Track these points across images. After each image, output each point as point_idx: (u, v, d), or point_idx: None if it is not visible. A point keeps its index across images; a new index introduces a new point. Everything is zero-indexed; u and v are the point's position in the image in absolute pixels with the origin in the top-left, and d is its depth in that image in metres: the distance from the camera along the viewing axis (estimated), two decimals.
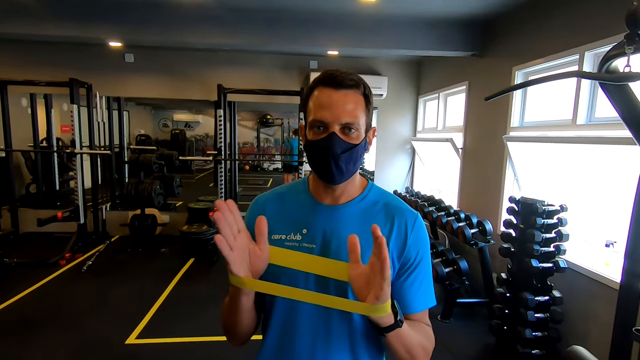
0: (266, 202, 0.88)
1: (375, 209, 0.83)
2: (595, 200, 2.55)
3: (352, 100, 0.75)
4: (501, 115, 3.24)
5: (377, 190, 0.87)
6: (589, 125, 2.43)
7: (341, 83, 0.74)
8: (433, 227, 3.95)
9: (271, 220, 0.78)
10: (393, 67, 5.18)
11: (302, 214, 0.83)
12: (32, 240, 4.73)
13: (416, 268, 0.80)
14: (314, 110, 0.76)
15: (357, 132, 0.76)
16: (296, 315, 0.78)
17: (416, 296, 0.79)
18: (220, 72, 5.01)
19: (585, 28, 2.39)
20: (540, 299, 2.37)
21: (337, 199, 0.83)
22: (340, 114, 0.73)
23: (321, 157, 0.75)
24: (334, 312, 0.75)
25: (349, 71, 0.76)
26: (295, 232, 0.81)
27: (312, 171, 0.83)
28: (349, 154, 0.75)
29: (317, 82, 0.77)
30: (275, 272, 0.76)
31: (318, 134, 0.75)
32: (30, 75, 4.58)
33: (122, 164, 5.59)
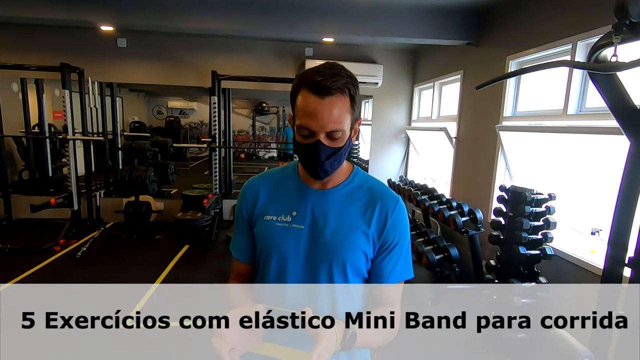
0: (259, 185, 0.93)
1: (359, 192, 0.89)
2: (583, 189, 2.60)
3: (338, 107, 0.76)
4: (494, 104, 3.26)
5: (361, 175, 0.93)
6: (580, 115, 2.45)
7: (327, 91, 0.75)
8: (425, 216, 4.00)
9: (264, 203, 0.89)
10: (389, 55, 5.15)
11: (292, 197, 0.89)
12: (26, 227, 4.72)
13: (394, 248, 0.88)
14: (300, 114, 0.78)
15: (342, 135, 0.79)
16: (285, 280, 0.87)
17: (392, 272, 0.88)
18: (214, 58, 4.95)
19: (578, 18, 2.39)
20: (527, 285, 2.43)
21: (325, 184, 0.89)
22: (326, 123, 0.76)
23: (308, 160, 0.82)
24: (319, 281, 0.85)
25: (335, 70, 0.76)
26: (286, 214, 0.87)
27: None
28: (334, 158, 0.81)
29: (304, 85, 0.77)
30: (267, 248, 0.87)
31: (305, 138, 0.79)
32: (20, 59, 4.49)
33: (116, 151, 5.56)
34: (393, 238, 0.87)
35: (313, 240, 0.85)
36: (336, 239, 0.85)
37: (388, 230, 0.86)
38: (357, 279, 0.88)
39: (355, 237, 0.85)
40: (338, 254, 0.85)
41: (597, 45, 1.46)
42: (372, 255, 0.88)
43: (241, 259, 0.96)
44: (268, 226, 0.88)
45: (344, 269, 0.85)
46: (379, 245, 0.87)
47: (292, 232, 0.86)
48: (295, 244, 0.86)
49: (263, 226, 0.88)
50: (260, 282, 0.92)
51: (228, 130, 5.56)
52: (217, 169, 4.97)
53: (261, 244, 0.90)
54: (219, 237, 4.58)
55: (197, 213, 4.47)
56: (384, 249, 0.87)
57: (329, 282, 0.86)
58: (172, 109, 12.18)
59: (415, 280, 3.79)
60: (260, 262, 0.91)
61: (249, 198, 0.92)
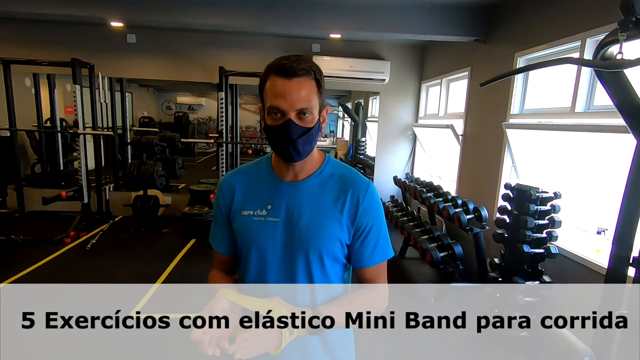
0: (234, 181, 0.96)
1: (331, 181, 0.92)
2: (590, 188, 2.57)
3: (305, 87, 0.81)
4: (502, 102, 3.23)
5: (333, 163, 0.95)
6: (588, 113, 2.42)
7: (293, 72, 0.80)
8: (431, 213, 3.99)
9: (240, 198, 0.93)
10: (396, 51, 5.12)
11: (266, 191, 0.92)
12: (38, 219, 4.83)
13: (369, 232, 0.91)
14: (270, 97, 0.82)
15: (311, 116, 0.83)
16: (265, 271, 0.91)
17: (371, 254, 0.92)
18: (222, 54, 4.98)
19: (587, 14, 2.36)
20: (531, 283, 2.42)
21: (297, 175, 0.92)
22: (295, 101, 0.80)
23: (280, 141, 0.83)
24: (297, 270, 0.89)
25: (300, 58, 0.82)
26: (261, 208, 0.91)
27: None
28: (305, 137, 0.84)
29: (271, 71, 0.82)
30: (246, 243, 0.91)
31: (276, 119, 0.82)
32: (33, 54, 4.58)
33: (125, 145, 5.64)
34: (367, 222, 0.90)
35: (289, 231, 0.89)
36: (311, 229, 0.88)
37: (361, 216, 0.89)
38: (335, 264, 0.92)
39: (329, 226, 0.88)
40: (313, 243, 0.88)
41: (604, 43, 1.44)
42: (348, 241, 0.91)
43: (221, 251, 1.00)
44: (245, 221, 0.91)
45: (320, 257, 0.89)
46: (353, 230, 0.90)
47: (268, 226, 0.89)
48: (272, 236, 0.89)
49: (241, 221, 0.92)
50: (242, 276, 0.96)
51: (235, 126, 5.60)
52: (224, 164, 5.01)
53: (240, 239, 0.93)
54: None
55: (204, 207, 4.53)
56: (359, 234, 0.90)
57: (306, 270, 0.89)
58: (180, 104, 12.28)
59: (419, 277, 3.81)
60: (242, 256, 0.95)
61: (226, 195, 0.95)
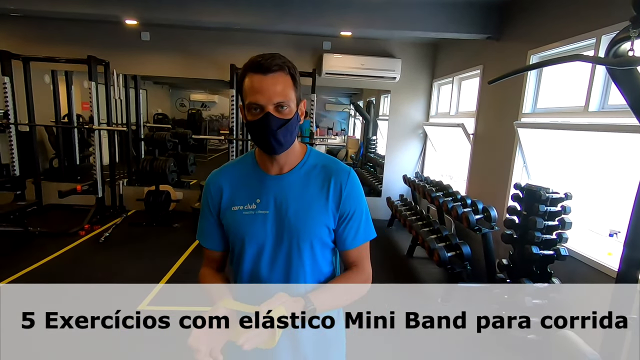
0: (221, 179, 0.99)
1: (314, 171, 0.97)
2: (603, 190, 2.51)
3: (281, 82, 0.86)
4: (514, 100, 3.17)
5: (315, 154, 1.00)
6: (602, 113, 2.36)
7: (268, 68, 0.84)
8: (440, 212, 3.96)
9: (229, 195, 0.96)
10: (408, 49, 5.08)
11: (254, 186, 0.96)
12: (54, 211, 4.98)
13: (352, 216, 0.96)
14: (248, 94, 0.86)
15: (288, 109, 0.87)
16: (259, 262, 0.95)
17: (354, 237, 0.97)
18: (233, 51, 5.02)
19: (603, 11, 2.29)
20: (539, 285, 2.38)
21: (282, 168, 0.96)
22: (272, 95, 0.85)
23: (261, 134, 0.87)
24: (290, 258, 0.94)
25: (274, 55, 0.87)
26: (251, 202, 0.95)
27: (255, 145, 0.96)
28: (285, 128, 0.87)
29: (247, 69, 0.87)
30: (239, 236, 0.94)
31: (255, 115, 0.86)
32: (51, 52, 4.71)
33: (139, 141, 5.75)
34: (350, 208, 0.95)
35: (279, 222, 0.93)
36: (299, 218, 0.92)
37: (344, 202, 0.94)
38: (324, 249, 0.98)
39: (316, 213, 0.93)
40: (303, 231, 0.93)
41: (616, 40, 1.41)
42: (334, 226, 0.96)
43: (211, 247, 1.03)
44: (236, 216, 0.95)
45: (310, 243, 0.94)
46: (338, 215, 0.95)
47: (259, 218, 0.93)
48: (263, 228, 0.93)
49: (232, 217, 0.95)
50: (237, 269, 0.99)
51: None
52: None
53: (233, 234, 0.96)
54: None
55: None
56: (343, 218, 0.95)
57: (299, 257, 0.94)
58: (194, 101, 12.42)
59: (426, 277, 3.79)
60: (235, 250, 0.98)
61: (214, 193, 0.98)
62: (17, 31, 4.81)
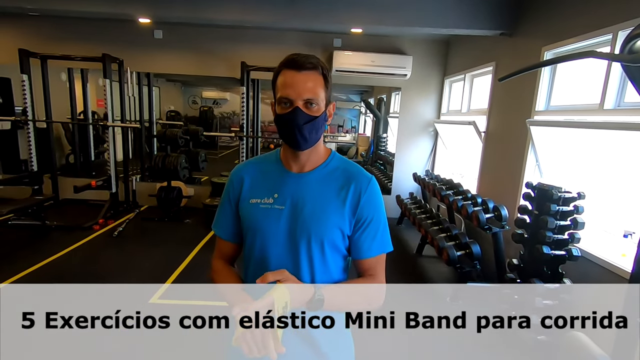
0: (244, 172, 1.02)
1: (335, 174, 0.97)
2: (618, 189, 2.45)
3: (312, 80, 0.89)
4: (527, 98, 3.11)
5: (338, 158, 1.01)
6: (618, 110, 2.31)
7: (302, 65, 0.88)
8: (450, 211, 3.92)
9: (249, 187, 0.98)
10: (419, 46, 5.03)
11: (274, 181, 0.98)
12: (70, 206, 5.11)
13: (369, 224, 0.95)
14: (280, 88, 0.90)
15: (317, 107, 0.90)
16: (267, 256, 0.96)
17: (370, 246, 0.96)
18: (244, 49, 5.06)
19: (620, 6, 2.23)
20: (550, 286, 2.35)
21: (303, 166, 0.97)
22: (302, 91, 0.88)
23: (288, 128, 0.90)
24: (299, 256, 0.93)
25: (309, 54, 0.90)
26: (268, 196, 0.96)
27: (282, 143, 0.98)
28: (311, 125, 0.90)
29: (282, 65, 0.90)
30: (252, 228, 0.95)
31: (285, 108, 0.90)
32: (67, 50, 4.82)
33: (151, 138, 5.85)
34: (367, 215, 0.94)
35: (293, 219, 0.93)
36: (314, 217, 0.93)
37: (362, 208, 0.94)
38: (335, 254, 0.96)
39: (331, 215, 0.93)
40: (316, 231, 0.92)
41: (631, 36, 1.37)
42: (349, 232, 0.95)
43: (226, 237, 1.04)
44: (253, 208, 0.96)
45: (321, 244, 0.93)
46: (354, 221, 0.94)
47: (274, 213, 0.94)
48: (276, 223, 0.94)
49: (248, 209, 0.97)
50: (247, 260, 1.00)
51: (256, 120, 5.69)
52: (245, 158, 5.11)
53: (247, 225, 0.98)
54: None
55: None
56: (359, 225, 0.95)
57: (308, 257, 0.93)
58: (206, 99, 12.55)
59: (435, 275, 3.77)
60: (247, 241, 0.99)
61: (235, 184, 1.01)
62: (35, 30, 4.93)
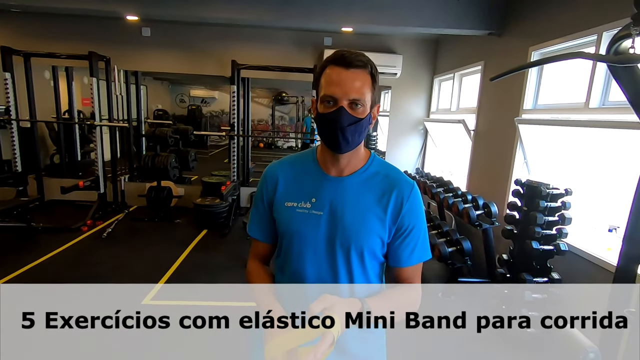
0: (279, 172, 0.97)
1: (375, 179, 0.93)
2: (603, 186, 2.53)
3: (360, 79, 0.83)
4: (515, 97, 3.18)
5: (378, 161, 0.96)
6: (602, 109, 2.38)
7: (351, 63, 0.82)
8: (440, 208, 3.98)
9: (284, 189, 0.94)
10: (409, 45, 5.08)
11: (311, 184, 0.93)
12: (56, 207, 5.00)
13: (410, 233, 0.92)
14: (325, 86, 0.84)
15: (363, 108, 0.84)
16: (304, 263, 0.92)
17: (410, 254, 0.93)
18: (234, 47, 5.02)
19: (605, 7, 2.30)
20: (539, 280, 2.41)
21: (342, 170, 0.92)
22: (349, 90, 0.82)
23: (330, 128, 0.85)
24: (337, 265, 0.90)
25: (358, 52, 0.84)
26: (306, 200, 0.92)
27: (320, 142, 0.93)
28: (355, 127, 0.84)
29: (329, 62, 0.85)
30: (289, 233, 0.93)
31: (328, 107, 0.84)
32: (52, 47, 4.71)
33: (140, 137, 5.76)
34: (409, 223, 0.91)
35: (332, 226, 0.89)
36: (354, 225, 0.89)
37: (404, 216, 0.90)
38: (373, 262, 0.93)
39: (372, 223, 0.89)
40: (357, 240, 0.89)
41: (617, 37, 1.42)
42: (388, 240, 0.92)
43: (261, 238, 1.01)
44: (289, 212, 0.92)
45: (361, 253, 0.90)
46: (395, 229, 0.91)
47: (312, 218, 0.90)
48: (315, 229, 0.90)
49: (284, 212, 0.93)
50: (282, 265, 0.97)
51: (247, 119, 5.66)
52: (235, 157, 5.08)
53: (283, 229, 0.94)
54: (236, 223, 4.71)
55: (216, 199, 4.61)
56: (400, 233, 0.91)
57: (346, 265, 0.90)
58: (194, 97, 12.42)
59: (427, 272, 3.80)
60: (283, 246, 0.96)
61: (269, 184, 0.96)
62: (18, 27, 4.80)
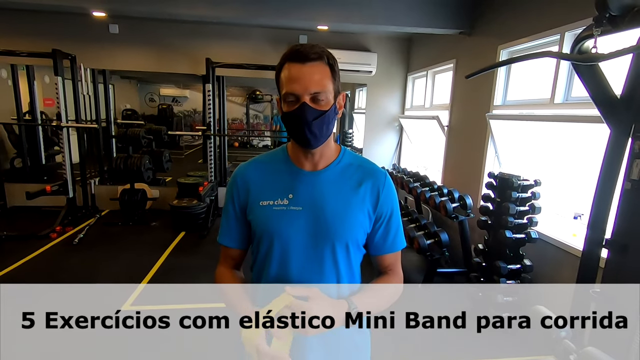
0: (249, 173, 0.94)
1: (350, 170, 0.93)
2: (568, 176, 2.71)
3: (318, 71, 0.82)
4: (485, 93, 3.32)
5: (350, 154, 0.96)
6: (566, 104, 2.54)
7: (306, 57, 0.81)
8: (417, 202, 4.10)
9: (257, 189, 0.91)
10: (383, 43, 5.17)
11: (285, 180, 0.91)
12: (21, 214, 4.73)
13: (389, 220, 0.94)
14: (285, 84, 0.83)
15: (326, 100, 0.83)
16: (288, 263, 0.90)
17: (393, 242, 0.95)
18: (208, 45, 4.93)
19: (566, 9, 2.45)
20: (513, 267, 2.55)
21: (317, 164, 0.91)
22: (308, 85, 0.81)
23: (296, 126, 0.83)
24: (324, 260, 0.89)
25: (314, 44, 0.83)
26: (282, 197, 0.89)
27: (290, 139, 0.92)
28: (321, 120, 0.83)
29: (286, 59, 0.83)
30: (268, 233, 0.89)
31: (291, 105, 0.83)
32: (11, 45, 4.42)
33: (109, 139, 5.54)
34: (387, 211, 0.93)
35: (313, 220, 0.87)
36: (337, 217, 0.88)
37: (382, 204, 0.92)
38: (357, 253, 0.94)
39: (354, 214, 0.89)
40: (340, 232, 0.88)
41: (580, 37, 1.53)
42: (369, 230, 0.93)
43: (232, 245, 0.96)
44: (265, 211, 0.88)
45: (346, 246, 0.90)
46: (374, 218, 0.92)
47: (291, 214, 0.87)
48: (296, 225, 0.87)
49: (260, 212, 0.89)
50: (263, 268, 0.92)
51: (223, 118, 5.57)
52: (212, 157, 5.00)
53: (260, 230, 0.90)
54: (214, 224, 4.64)
55: (193, 200, 4.52)
56: (379, 222, 0.93)
57: (333, 259, 0.89)
58: (164, 96, 12.04)
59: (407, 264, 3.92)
60: (261, 248, 0.92)
61: (240, 186, 0.92)
62: None
